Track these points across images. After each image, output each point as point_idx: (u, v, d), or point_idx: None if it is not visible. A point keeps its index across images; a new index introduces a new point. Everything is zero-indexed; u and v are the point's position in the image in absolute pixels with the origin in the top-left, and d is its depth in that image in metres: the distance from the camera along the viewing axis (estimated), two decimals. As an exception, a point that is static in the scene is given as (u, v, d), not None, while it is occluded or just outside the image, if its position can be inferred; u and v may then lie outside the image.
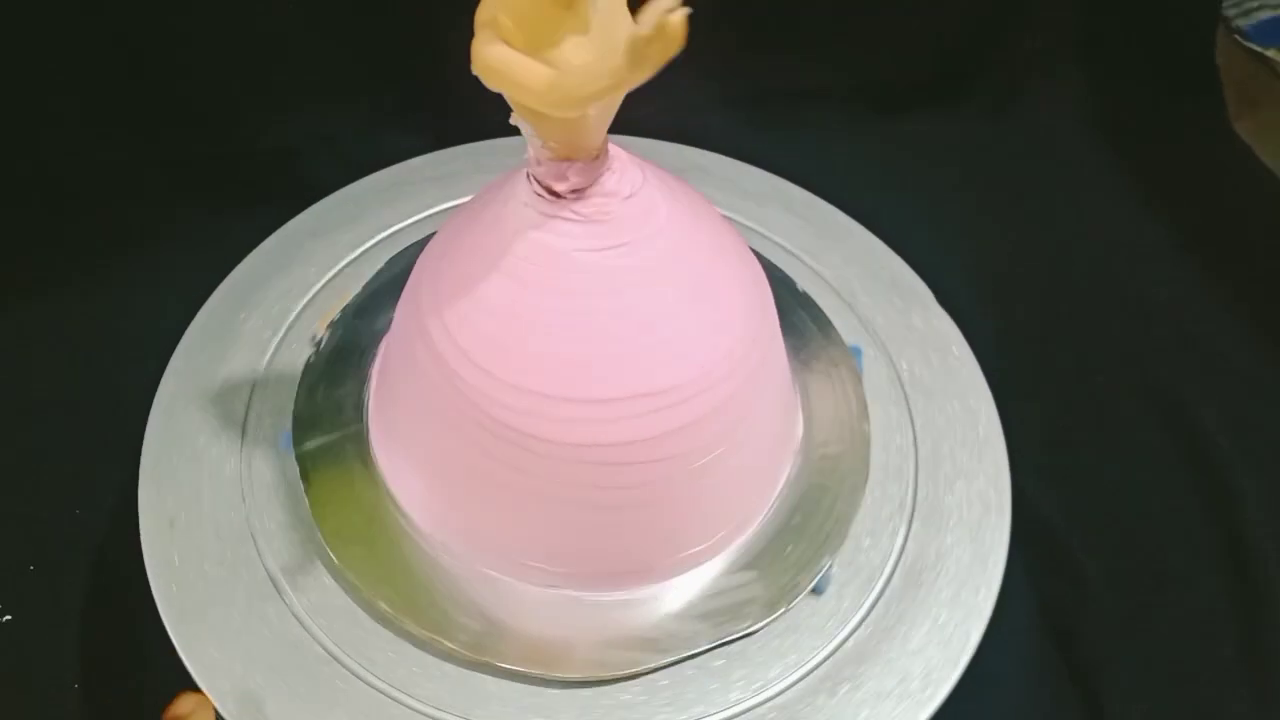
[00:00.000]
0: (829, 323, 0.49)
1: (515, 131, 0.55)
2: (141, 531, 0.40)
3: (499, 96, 0.34)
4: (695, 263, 0.37)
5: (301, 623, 0.38)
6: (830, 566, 0.41)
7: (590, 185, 0.34)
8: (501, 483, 0.37)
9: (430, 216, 0.53)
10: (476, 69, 0.30)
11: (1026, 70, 0.79)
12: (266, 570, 0.40)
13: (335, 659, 0.37)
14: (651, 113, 0.38)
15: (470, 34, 0.33)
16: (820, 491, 0.43)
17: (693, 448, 0.37)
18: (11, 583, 0.50)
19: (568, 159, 0.34)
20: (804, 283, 0.50)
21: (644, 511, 0.38)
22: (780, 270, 0.51)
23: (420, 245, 0.44)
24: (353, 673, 0.37)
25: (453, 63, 0.66)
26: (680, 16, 0.25)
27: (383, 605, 0.38)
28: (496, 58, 0.29)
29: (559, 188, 0.34)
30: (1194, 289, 0.68)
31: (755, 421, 0.39)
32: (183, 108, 0.66)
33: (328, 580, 0.39)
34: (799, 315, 0.49)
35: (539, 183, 0.35)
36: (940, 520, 0.43)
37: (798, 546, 0.41)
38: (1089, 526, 0.55)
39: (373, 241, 0.51)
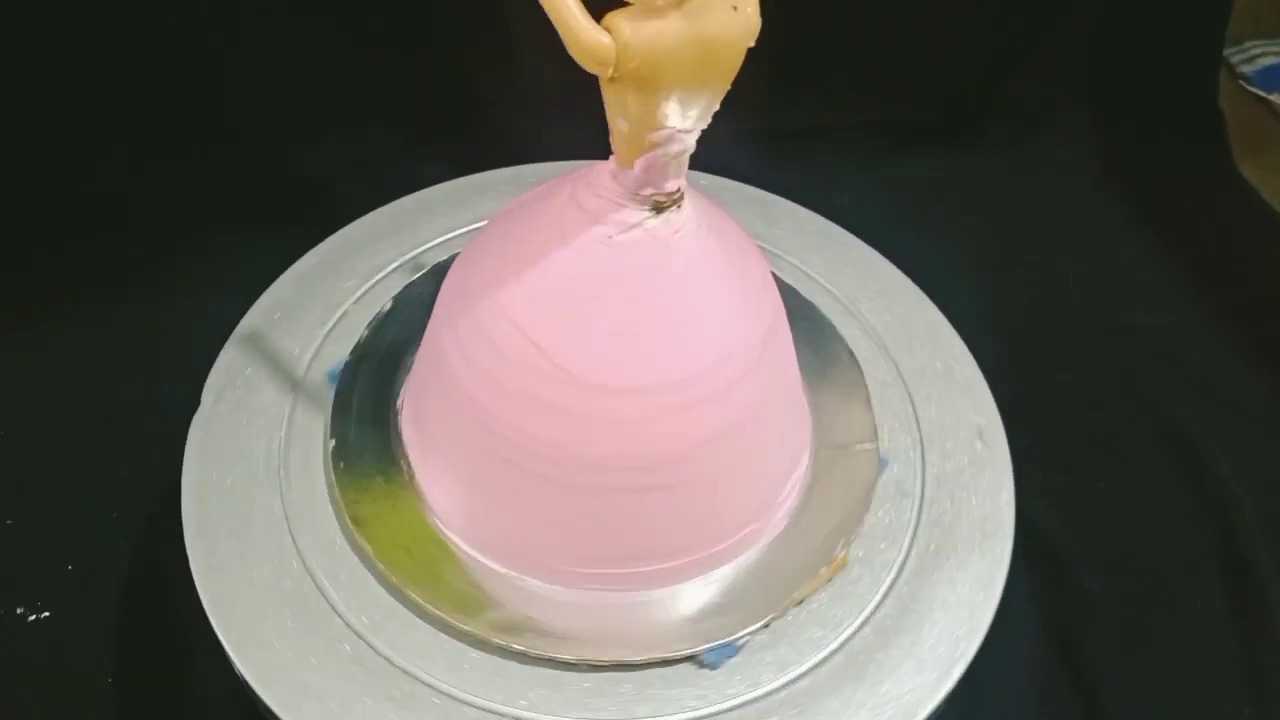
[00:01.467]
0: (843, 341, 0.51)
1: (539, 159, 0.58)
2: (185, 535, 0.42)
3: (525, 125, 0.36)
4: (715, 276, 0.39)
5: (344, 618, 0.40)
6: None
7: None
8: (524, 482, 0.39)
9: (459, 236, 0.55)
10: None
11: (1034, 112, 0.81)
12: (309, 571, 0.41)
13: (376, 651, 0.39)
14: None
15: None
16: (828, 503, 0.45)
17: (706, 448, 0.39)
18: (49, 581, 0.52)
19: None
20: (817, 301, 0.53)
21: (664, 510, 0.40)
22: (794, 290, 0.53)
23: (449, 262, 0.46)
24: (389, 660, 0.39)
25: (481, 94, 0.70)
26: None
27: (418, 599, 0.40)
28: None
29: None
30: (1199, 323, 0.70)
31: (768, 427, 0.41)
32: (224, 135, 0.70)
33: (370, 580, 0.41)
34: (814, 334, 0.51)
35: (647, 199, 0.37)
36: (944, 532, 0.45)
37: (807, 553, 0.43)
38: (1092, 545, 0.56)
39: (400, 260, 0.54)
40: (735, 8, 0.33)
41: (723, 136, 0.76)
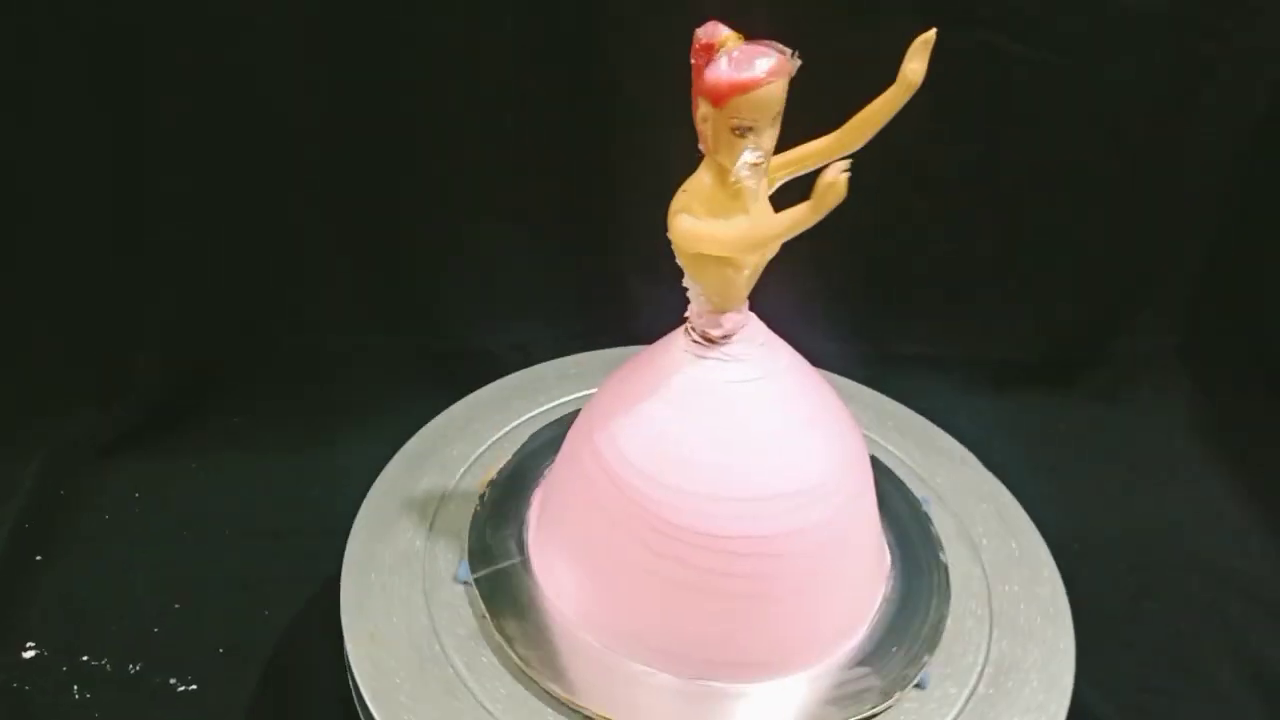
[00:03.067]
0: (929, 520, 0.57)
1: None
2: (346, 640, 0.48)
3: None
4: (809, 397, 0.48)
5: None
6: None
7: (736, 332, 0.46)
8: (657, 574, 0.46)
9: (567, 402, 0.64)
10: (678, 236, 0.41)
11: (1131, 364, 0.88)
12: (454, 670, 0.47)
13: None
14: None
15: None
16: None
17: (808, 547, 0.46)
18: (201, 660, 0.59)
19: (721, 311, 0.45)
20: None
21: (773, 603, 0.46)
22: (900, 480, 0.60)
23: (566, 420, 0.55)
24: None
25: (629, 296, 0.79)
26: (845, 176, 0.34)
27: (556, 691, 0.46)
28: (694, 227, 0.41)
29: (714, 334, 0.46)
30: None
31: (856, 536, 0.49)
32: (408, 312, 0.82)
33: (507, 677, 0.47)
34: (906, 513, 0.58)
35: (697, 331, 0.46)
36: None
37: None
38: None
39: (526, 416, 0.63)
40: None
41: (828, 361, 0.84)
